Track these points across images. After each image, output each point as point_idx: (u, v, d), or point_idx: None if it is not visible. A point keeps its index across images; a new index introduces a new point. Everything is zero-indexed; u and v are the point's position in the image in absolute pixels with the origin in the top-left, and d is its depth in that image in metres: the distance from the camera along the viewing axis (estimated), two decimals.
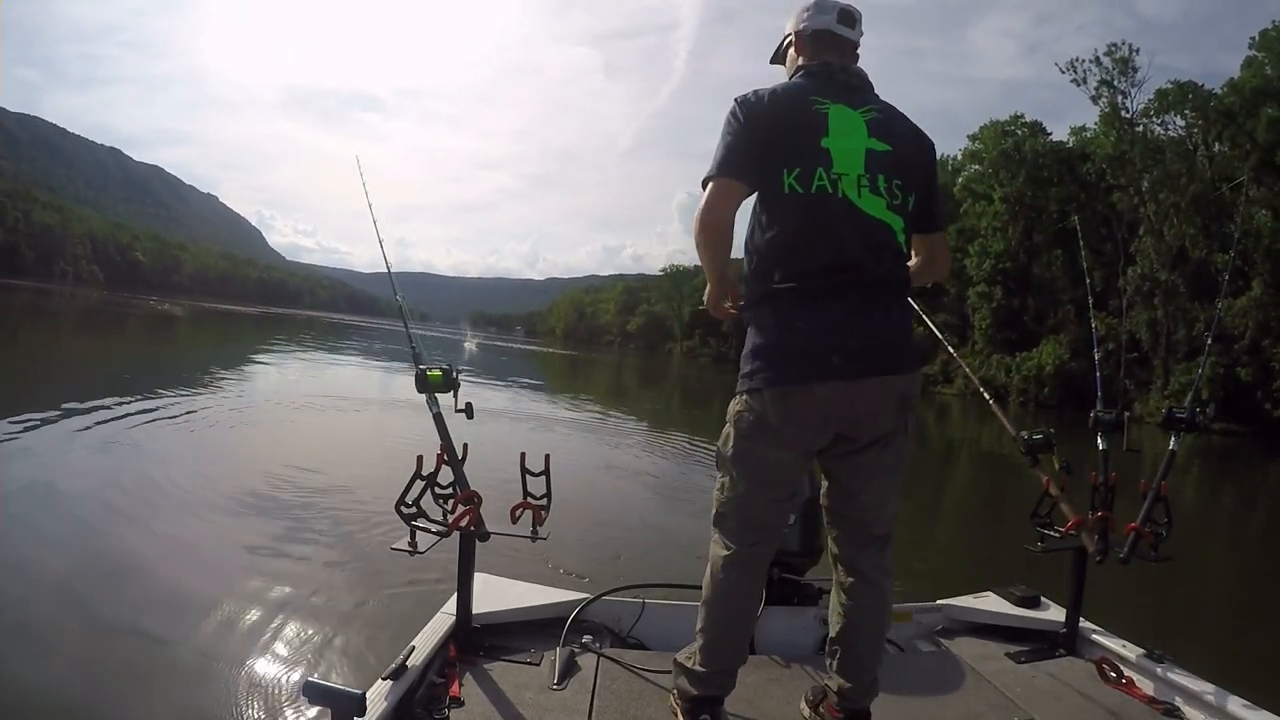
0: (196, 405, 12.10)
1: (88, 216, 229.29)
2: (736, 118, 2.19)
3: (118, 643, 4.05)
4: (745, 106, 2.20)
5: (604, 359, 71.32)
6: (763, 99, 2.20)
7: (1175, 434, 3.01)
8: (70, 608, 4.36)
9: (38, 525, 5.71)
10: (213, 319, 60.14)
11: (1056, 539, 2.98)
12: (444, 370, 2.71)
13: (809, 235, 2.14)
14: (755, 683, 2.65)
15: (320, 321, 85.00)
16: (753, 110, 2.19)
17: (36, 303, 49.41)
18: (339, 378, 22.86)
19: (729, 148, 2.17)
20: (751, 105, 2.20)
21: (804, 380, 2.09)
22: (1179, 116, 47.34)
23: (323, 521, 6.53)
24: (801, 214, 2.14)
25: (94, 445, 8.46)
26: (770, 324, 2.16)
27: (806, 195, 2.13)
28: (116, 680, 3.70)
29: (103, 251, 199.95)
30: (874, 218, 2.17)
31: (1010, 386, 49.88)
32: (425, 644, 2.55)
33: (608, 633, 3.07)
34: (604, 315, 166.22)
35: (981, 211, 56.86)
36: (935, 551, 7.42)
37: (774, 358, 2.14)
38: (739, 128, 2.18)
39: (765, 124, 2.16)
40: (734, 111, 2.20)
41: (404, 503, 2.54)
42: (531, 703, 2.43)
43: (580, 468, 10.44)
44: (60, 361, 18.36)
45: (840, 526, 2.36)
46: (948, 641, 3.23)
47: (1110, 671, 2.82)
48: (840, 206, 2.14)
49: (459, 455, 2.62)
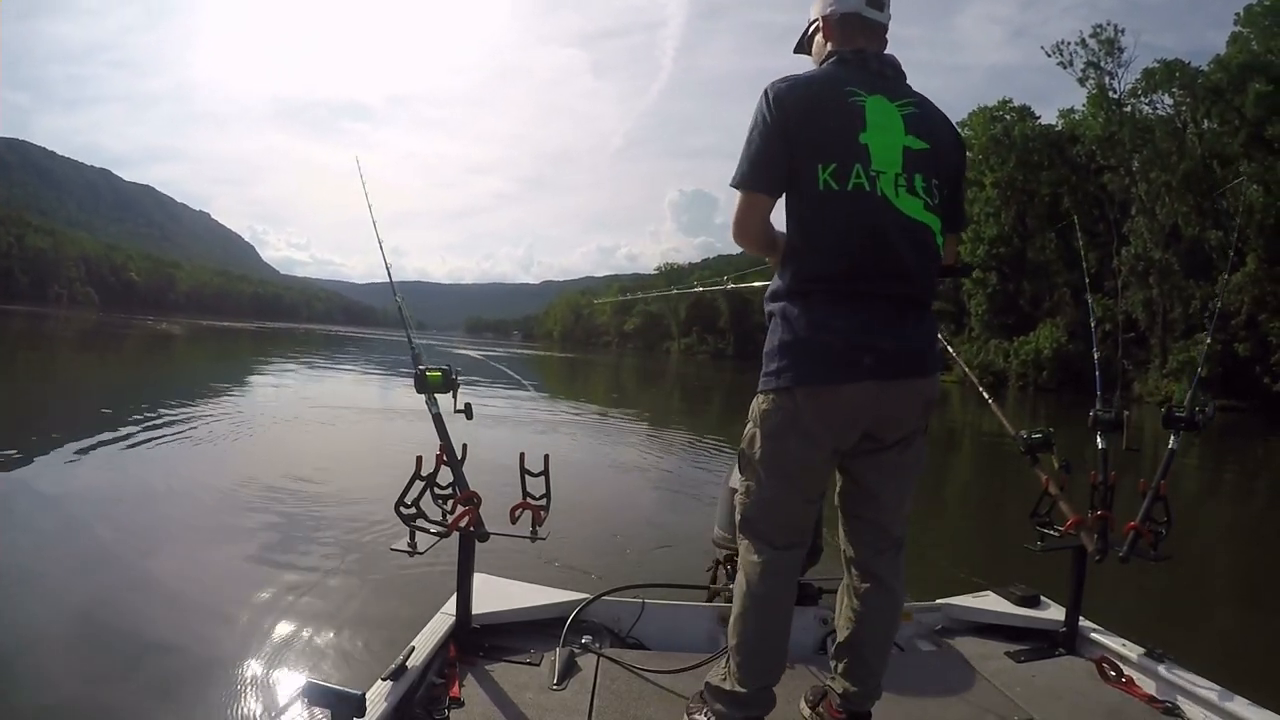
0: (195, 418, 12.04)
1: (80, 239, 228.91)
2: (768, 110, 2.07)
3: (119, 646, 4.07)
4: (777, 97, 2.07)
5: (602, 359, 71.23)
6: (796, 87, 2.09)
7: (1175, 433, 2.98)
8: (72, 613, 4.37)
9: (41, 536, 5.75)
10: (211, 336, 60.01)
11: (1056, 538, 2.96)
12: (443, 371, 2.69)
13: (846, 235, 2.05)
14: None
15: (317, 334, 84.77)
16: (784, 101, 2.07)
17: (33, 327, 49.25)
18: (337, 388, 22.80)
19: (757, 153, 2.09)
20: (783, 95, 2.07)
21: (835, 380, 2.03)
22: (1167, 95, 47.61)
23: (322, 523, 6.55)
24: (838, 212, 2.05)
25: (97, 461, 8.46)
26: (801, 321, 2.07)
27: (842, 193, 2.04)
28: (117, 681, 3.71)
29: (96, 273, 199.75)
30: (913, 219, 2.08)
31: (1009, 371, 49.99)
32: (425, 644, 2.55)
33: (608, 633, 3.06)
34: (600, 316, 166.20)
35: (973, 198, 56.90)
36: (935, 551, 7.40)
37: (804, 355, 2.06)
38: (770, 125, 2.07)
39: (797, 117, 2.06)
40: (765, 103, 2.09)
41: (403, 503, 2.53)
42: (531, 703, 2.42)
43: (580, 468, 10.42)
44: (61, 382, 18.34)
45: (857, 529, 2.30)
46: (948, 641, 3.22)
47: (1110, 671, 2.82)
48: (879, 206, 2.05)
49: (458, 456, 2.61)
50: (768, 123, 2.07)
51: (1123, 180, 48.71)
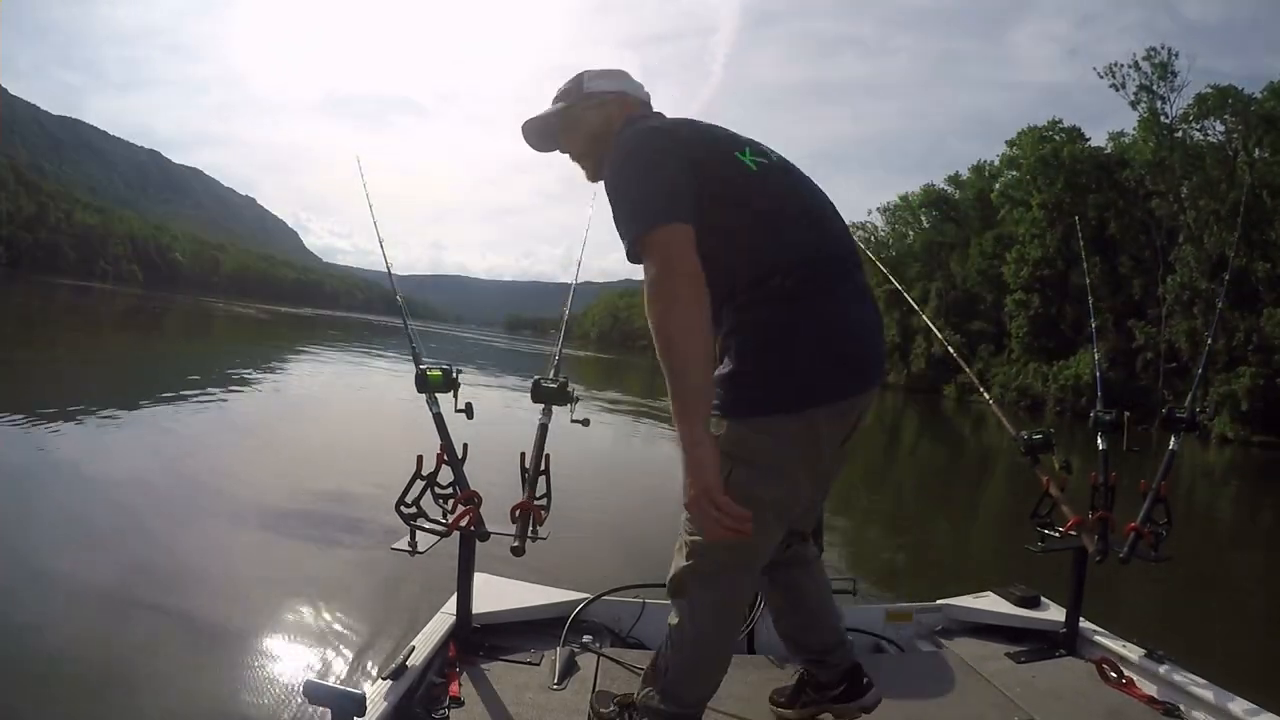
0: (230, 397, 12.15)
1: (129, 218, 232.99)
2: (654, 151, 1.85)
3: (116, 645, 4.06)
4: (670, 133, 1.92)
5: (637, 361, 71.34)
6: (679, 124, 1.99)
7: (1175, 434, 3.00)
8: (64, 610, 4.38)
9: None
10: (291, 321, 61.11)
11: (1056, 539, 2.96)
12: (444, 370, 2.71)
13: (787, 217, 1.88)
14: (755, 682, 2.65)
15: (372, 324, 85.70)
16: (677, 133, 1.92)
17: (119, 305, 50.48)
18: (370, 378, 22.99)
19: (661, 180, 1.77)
20: (666, 135, 1.91)
21: (821, 399, 1.81)
22: (1219, 122, 46.75)
23: (322, 522, 6.59)
24: (768, 191, 1.89)
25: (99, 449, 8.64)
26: (769, 335, 1.79)
27: (764, 173, 1.90)
28: (116, 681, 3.71)
29: (143, 251, 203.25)
30: (821, 193, 2.00)
31: (1047, 395, 49.36)
32: (425, 644, 2.55)
33: (608, 633, 3.07)
34: (638, 319, 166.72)
35: (1019, 218, 56.36)
36: (935, 551, 7.35)
37: (783, 375, 1.79)
38: (669, 151, 1.84)
39: (689, 137, 1.91)
40: (643, 148, 1.86)
41: (404, 503, 2.53)
42: (531, 703, 2.42)
43: (580, 468, 10.40)
44: (161, 356, 18.69)
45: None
46: (948, 641, 3.21)
47: (1110, 672, 2.80)
48: (796, 180, 1.97)
49: (459, 455, 2.61)
50: (659, 159, 1.81)
51: (1171, 207, 48.00)
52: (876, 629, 3.27)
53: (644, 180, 1.77)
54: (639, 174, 1.79)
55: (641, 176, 1.78)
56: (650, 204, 1.71)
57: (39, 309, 37.67)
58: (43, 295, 50.60)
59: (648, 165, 1.80)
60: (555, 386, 2.84)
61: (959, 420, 31.44)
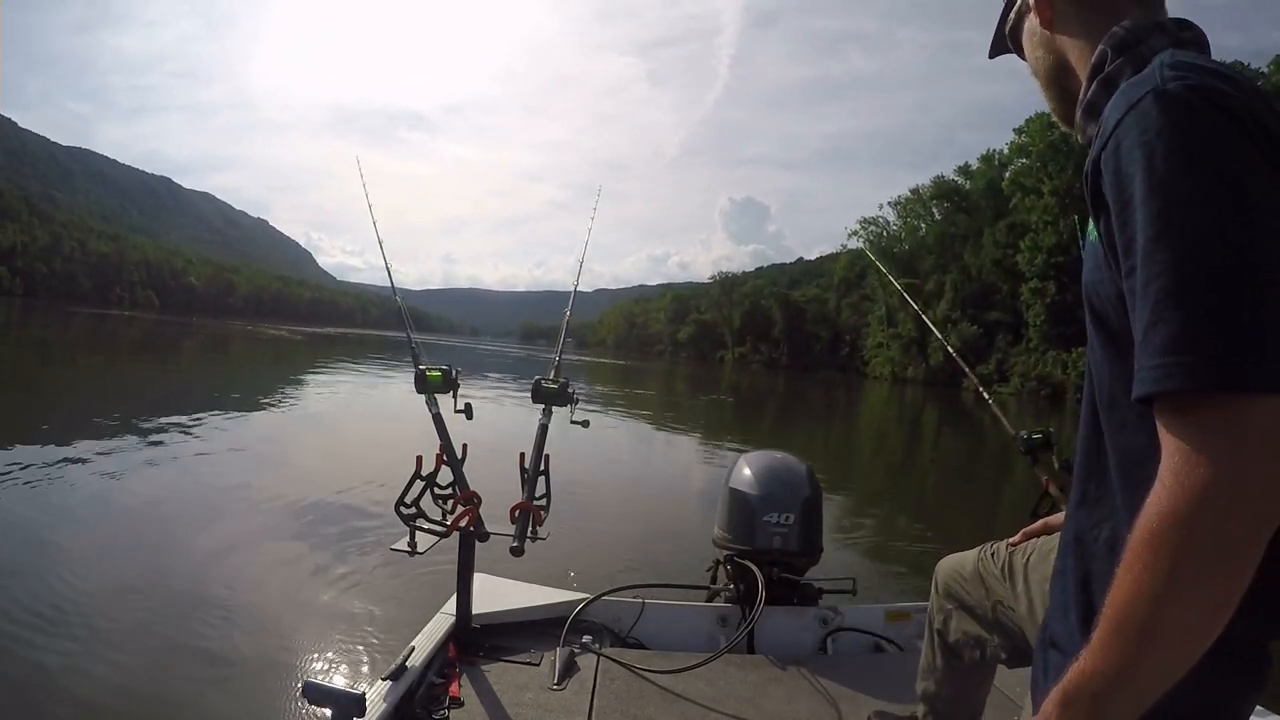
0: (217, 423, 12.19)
1: (142, 244, 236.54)
2: (1242, 149, 0.78)
3: (115, 645, 4.02)
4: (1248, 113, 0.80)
5: (654, 367, 71.57)
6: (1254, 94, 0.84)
7: None
8: (62, 614, 4.29)
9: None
10: (324, 341, 62.00)
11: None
12: (443, 371, 2.72)
13: None
14: (755, 682, 2.66)
15: (382, 340, 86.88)
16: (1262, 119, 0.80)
17: (148, 331, 51.06)
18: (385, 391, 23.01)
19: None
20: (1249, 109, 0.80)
21: None
22: None
23: (323, 523, 6.58)
24: None
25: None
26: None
27: None
28: (114, 682, 3.66)
29: (157, 277, 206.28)
30: None
31: (1067, 384, 49.05)
32: (425, 644, 2.56)
33: (608, 633, 3.06)
34: (654, 325, 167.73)
35: (1031, 205, 56.14)
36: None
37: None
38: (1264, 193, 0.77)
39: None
40: (1225, 139, 0.78)
41: (403, 503, 2.52)
42: (531, 703, 2.42)
43: (580, 468, 10.31)
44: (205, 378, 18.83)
45: None
46: None
47: None
48: None
49: (458, 456, 2.63)
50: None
51: None
52: (876, 629, 3.23)
53: (1242, 256, 0.74)
54: (1229, 231, 0.75)
55: (1235, 244, 0.75)
56: (1261, 328, 0.72)
57: (60, 336, 38.03)
58: (61, 323, 51.10)
59: (1248, 219, 0.76)
60: (555, 387, 2.85)
61: (977, 414, 31.22)
